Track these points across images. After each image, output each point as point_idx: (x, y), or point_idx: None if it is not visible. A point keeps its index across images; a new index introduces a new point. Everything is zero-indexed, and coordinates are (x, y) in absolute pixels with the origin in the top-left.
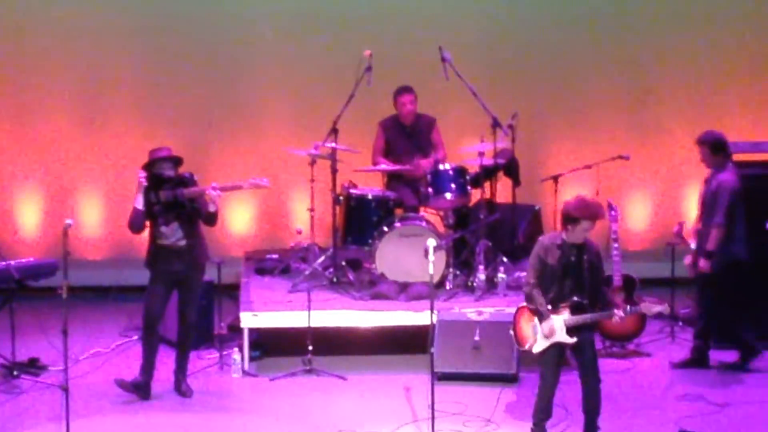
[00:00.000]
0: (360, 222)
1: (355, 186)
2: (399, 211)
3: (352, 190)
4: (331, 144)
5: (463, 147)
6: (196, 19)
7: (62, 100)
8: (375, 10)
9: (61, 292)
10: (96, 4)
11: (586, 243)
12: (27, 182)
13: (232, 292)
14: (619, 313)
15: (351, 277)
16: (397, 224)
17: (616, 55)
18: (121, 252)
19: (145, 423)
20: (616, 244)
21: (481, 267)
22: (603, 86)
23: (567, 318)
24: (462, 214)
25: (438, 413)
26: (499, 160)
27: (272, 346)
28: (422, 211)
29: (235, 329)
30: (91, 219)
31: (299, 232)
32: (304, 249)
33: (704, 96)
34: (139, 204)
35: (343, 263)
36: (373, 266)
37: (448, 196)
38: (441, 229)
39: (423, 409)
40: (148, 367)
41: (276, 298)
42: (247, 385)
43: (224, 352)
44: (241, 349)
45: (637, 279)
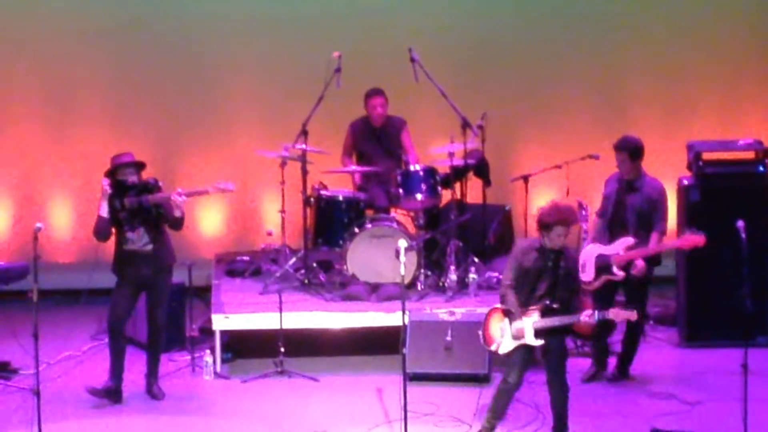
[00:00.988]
0: (331, 223)
1: (326, 187)
2: (370, 212)
3: (323, 192)
4: (301, 146)
5: (433, 148)
6: (166, 22)
7: (31, 103)
8: (344, 11)
9: (32, 296)
10: (64, 9)
11: (564, 250)
12: None
13: (203, 295)
14: (587, 318)
15: (322, 279)
16: (368, 225)
17: (585, 55)
18: (91, 255)
19: (116, 426)
20: (586, 244)
21: (452, 267)
22: (572, 86)
23: (536, 321)
24: (433, 215)
25: (410, 414)
26: (469, 161)
27: (244, 348)
28: (393, 212)
29: (207, 331)
30: (61, 222)
31: (270, 234)
32: (275, 251)
33: (674, 96)
34: (104, 212)
35: (314, 265)
36: (345, 267)
37: (419, 196)
38: (412, 229)
39: (395, 410)
40: (117, 371)
41: (247, 300)
42: (219, 388)
43: (196, 355)
44: (213, 352)
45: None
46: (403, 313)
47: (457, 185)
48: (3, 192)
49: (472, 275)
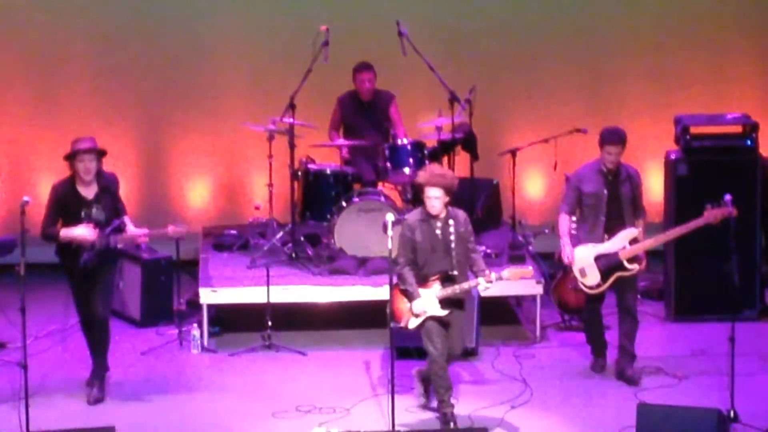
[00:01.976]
0: (318, 197)
1: (313, 161)
2: (357, 186)
3: (311, 165)
4: (289, 119)
5: (421, 122)
6: None
7: (16, 75)
8: None
9: (19, 269)
10: None
11: (451, 214)
12: None
13: (191, 268)
14: (487, 282)
15: (310, 253)
16: (356, 199)
17: (574, 28)
18: None
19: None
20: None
21: None
22: (561, 60)
23: (438, 291)
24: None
25: (398, 388)
26: (457, 135)
27: (231, 322)
28: (381, 186)
29: (194, 305)
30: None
31: (258, 208)
32: (263, 224)
33: (661, 69)
34: (64, 238)
35: (302, 239)
36: (332, 241)
37: (407, 170)
38: (399, 203)
39: (383, 384)
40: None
41: (235, 273)
42: (207, 361)
43: (183, 329)
44: (201, 325)
45: None
46: (391, 287)
47: (445, 159)
48: None
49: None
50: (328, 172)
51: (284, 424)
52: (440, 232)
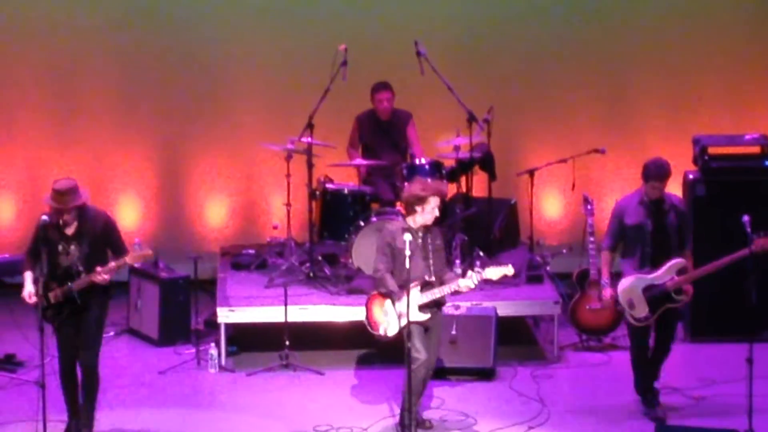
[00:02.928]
0: (336, 217)
1: (331, 181)
2: (375, 206)
3: (328, 185)
4: (307, 139)
5: (439, 141)
6: (171, 15)
7: (37, 97)
8: (350, 4)
9: (37, 288)
10: (70, 1)
11: (431, 228)
12: (1, 178)
13: (209, 288)
14: (468, 283)
15: (327, 272)
16: (374, 219)
17: (592, 48)
18: None
19: (122, 418)
20: (592, 238)
21: (457, 261)
22: (579, 80)
23: (418, 296)
24: (438, 209)
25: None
26: (475, 154)
27: (249, 341)
28: (398, 206)
29: (212, 324)
30: None
31: (276, 227)
32: (281, 244)
33: (680, 89)
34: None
35: (320, 258)
36: (350, 261)
37: None
38: None
39: (400, 404)
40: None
41: (252, 293)
42: (224, 381)
43: (201, 348)
44: (218, 345)
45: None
46: (408, 307)
47: (463, 179)
48: (8, 186)
49: (478, 269)
50: (346, 191)
51: None
52: (421, 241)
